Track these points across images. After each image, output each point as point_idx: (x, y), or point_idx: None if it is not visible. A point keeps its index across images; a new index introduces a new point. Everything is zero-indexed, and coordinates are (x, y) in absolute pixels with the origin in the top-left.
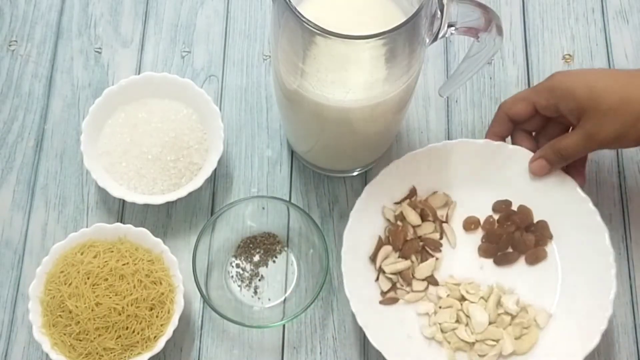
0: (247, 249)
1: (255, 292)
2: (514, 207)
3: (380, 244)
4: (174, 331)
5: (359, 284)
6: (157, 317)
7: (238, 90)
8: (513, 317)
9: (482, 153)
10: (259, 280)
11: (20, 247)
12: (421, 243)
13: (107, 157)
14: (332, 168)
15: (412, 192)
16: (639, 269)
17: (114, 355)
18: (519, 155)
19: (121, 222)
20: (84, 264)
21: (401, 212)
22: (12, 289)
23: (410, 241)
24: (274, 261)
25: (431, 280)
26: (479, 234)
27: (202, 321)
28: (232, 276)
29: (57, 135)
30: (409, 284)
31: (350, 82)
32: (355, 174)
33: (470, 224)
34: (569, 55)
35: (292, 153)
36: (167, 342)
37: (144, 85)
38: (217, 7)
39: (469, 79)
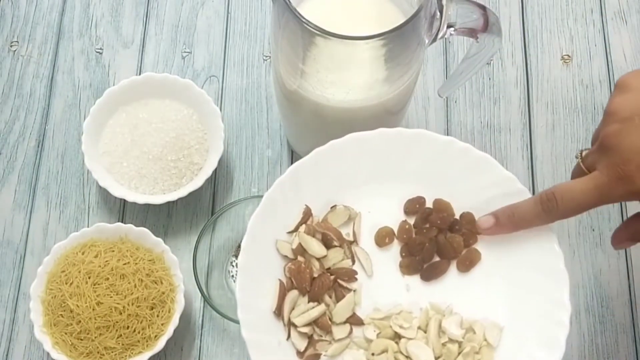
0: None
1: None
2: (429, 204)
3: (283, 291)
4: (175, 330)
5: (268, 349)
6: (157, 316)
7: (238, 90)
8: (460, 343)
9: (377, 146)
10: None
11: (22, 247)
12: (332, 277)
13: (108, 157)
14: None
15: (307, 214)
16: (637, 268)
17: (115, 354)
18: (422, 140)
19: (122, 221)
20: (85, 263)
21: (300, 244)
22: (13, 288)
23: (319, 278)
24: None
25: (354, 321)
26: (395, 247)
27: (202, 320)
28: (233, 275)
29: (58, 136)
30: (329, 332)
31: (350, 82)
32: None
33: (383, 238)
34: (568, 55)
35: (292, 153)
36: (168, 341)
37: (144, 85)
38: (217, 8)
39: (468, 80)
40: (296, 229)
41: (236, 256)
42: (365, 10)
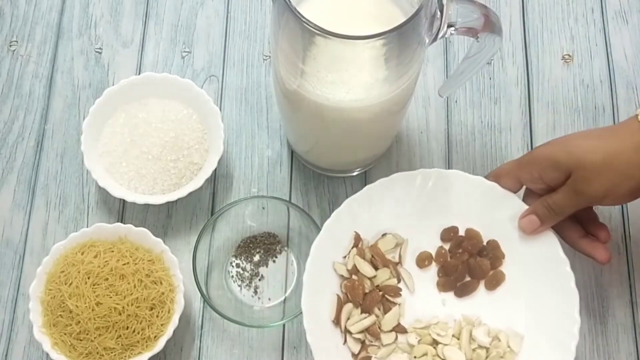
0: (247, 249)
1: (256, 292)
2: (462, 232)
3: (340, 304)
4: (174, 331)
5: (328, 352)
6: (157, 316)
7: (238, 90)
8: (487, 349)
9: (419, 184)
10: (259, 280)
11: (21, 247)
12: (380, 292)
13: (107, 157)
14: (332, 168)
15: (357, 240)
16: (638, 268)
17: (114, 354)
18: (456, 179)
19: (121, 222)
20: (84, 263)
21: (354, 265)
22: (12, 288)
23: (370, 293)
24: (274, 261)
25: (399, 329)
26: (433, 268)
27: (202, 321)
28: (233, 276)
29: (57, 136)
30: (378, 339)
31: (350, 82)
32: (355, 173)
33: (423, 261)
34: (569, 55)
35: (292, 153)
36: (168, 342)
37: (144, 85)
38: (217, 8)
39: (468, 79)
40: (349, 253)
41: (236, 256)
42: (365, 10)
